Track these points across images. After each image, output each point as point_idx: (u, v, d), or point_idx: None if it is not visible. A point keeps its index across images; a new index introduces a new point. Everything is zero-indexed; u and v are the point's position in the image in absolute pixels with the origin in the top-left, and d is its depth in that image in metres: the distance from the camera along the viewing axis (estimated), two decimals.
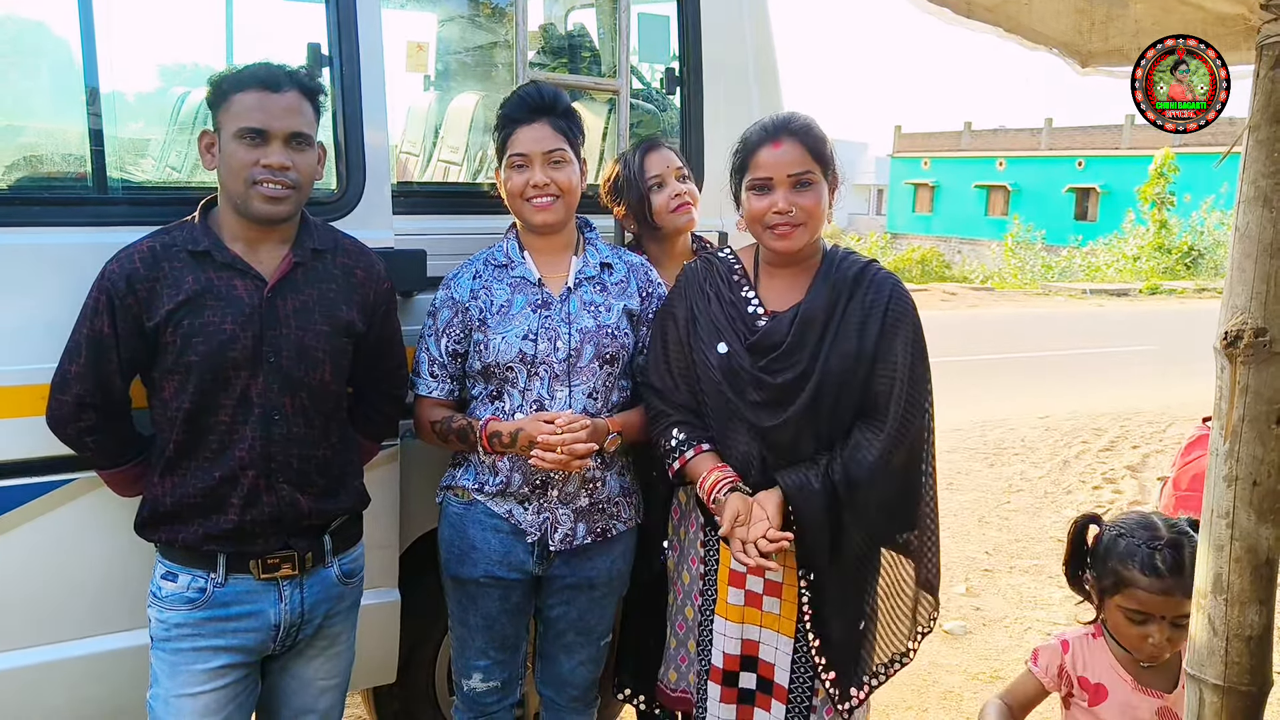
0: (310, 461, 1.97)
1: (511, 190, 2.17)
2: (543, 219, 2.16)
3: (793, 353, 2.08)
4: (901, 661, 2.26)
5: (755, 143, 2.08)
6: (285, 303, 1.93)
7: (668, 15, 2.93)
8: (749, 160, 2.09)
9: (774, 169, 2.04)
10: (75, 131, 2.19)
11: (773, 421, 2.08)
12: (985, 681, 3.81)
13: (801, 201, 2.04)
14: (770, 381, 2.08)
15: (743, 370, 2.09)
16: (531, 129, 2.15)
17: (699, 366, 2.13)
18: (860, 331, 2.08)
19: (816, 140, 2.08)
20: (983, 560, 5.06)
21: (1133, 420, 8.14)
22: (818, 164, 2.06)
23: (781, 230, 2.06)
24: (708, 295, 2.16)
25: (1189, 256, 25.15)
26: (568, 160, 2.16)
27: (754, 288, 2.17)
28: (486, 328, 2.16)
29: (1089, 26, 2.20)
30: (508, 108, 2.19)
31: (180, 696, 1.93)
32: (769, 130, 2.08)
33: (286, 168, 1.87)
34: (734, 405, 2.10)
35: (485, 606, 2.25)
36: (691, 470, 2.12)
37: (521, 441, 2.08)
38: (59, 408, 1.90)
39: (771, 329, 2.10)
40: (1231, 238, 2.09)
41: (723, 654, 2.18)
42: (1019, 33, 2.23)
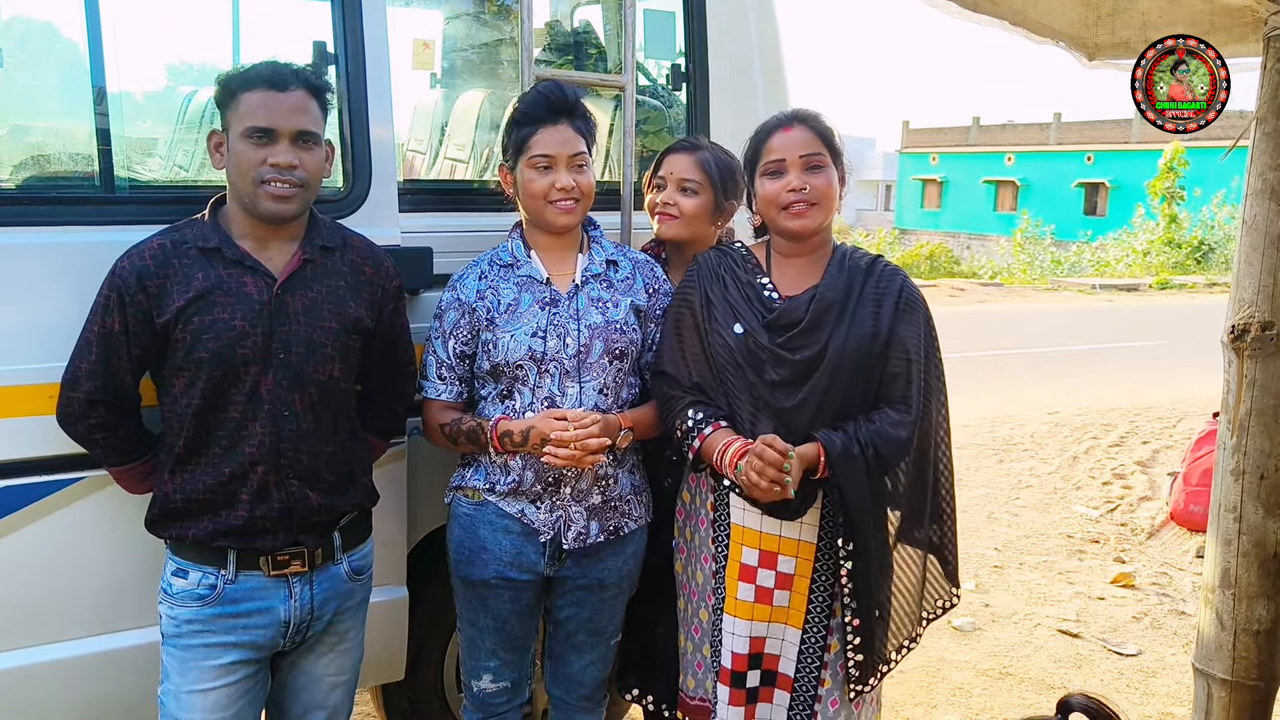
0: (319, 458, 1.98)
1: (534, 191, 2.14)
2: (565, 222, 2.16)
3: (811, 330, 2.10)
4: (910, 646, 2.27)
5: (767, 130, 2.16)
6: (294, 299, 1.94)
7: (673, 11, 2.92)
8: (761, 148, 2.16)
9: (786, 150, 2.11)
10: (82, 131, 2.20)
11: (789, 402, 2.09)
12: (994, 678, 3.80)
13: (814, 181, 2.10)
14: (789, 358, 2.09)
15: (761, 348, 2.10)
16: (557, 130, 2.13)
17: (715, 349, 2.14)
18: (875, 315, 2.11)
19: (826, 129, 2.16)
20: (992, 556, 5.05)
21: (1143, 416, 8.10)
22: (828, 150, 2.13)
23: (797, 209, 2.10)
24: (723, 280, 2.18)
25: (1199, 251, 25.00)
26: (588, 164, 2.17)
27: (768, 275, 2.20)
28: (495, 327, 2.16)
29: (1095, 20, 2.20)
30: (527, 105, 2.16)
31: (191, 692, 1.94)
32: (780, 118, 2.17)
33: (294, 166, 1.88)
34: (752, 385, 2.11)
35: (496, 608, 2.25)
36: (709, 445, 2.10)
37: (534, 439, 2.08)
38: (69, 405, 1.91)
39: (790, 307, 2.13)
40: (1239, 231, 2.08)
41: (731, 654, 2.18)
42: (1025, 26, 2.23)
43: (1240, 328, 1.96)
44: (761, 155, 2.15)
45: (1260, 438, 1.99)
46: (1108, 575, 4.84)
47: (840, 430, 2.05)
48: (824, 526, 2.13)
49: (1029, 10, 2.16)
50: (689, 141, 2.53)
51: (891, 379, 2.11)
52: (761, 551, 2.14)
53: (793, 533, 2.12)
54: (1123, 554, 5.14)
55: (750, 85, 2.94)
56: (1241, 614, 1.89)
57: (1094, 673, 3.88)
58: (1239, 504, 1.99)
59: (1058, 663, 3.94)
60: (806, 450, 2.02)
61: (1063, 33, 2.24)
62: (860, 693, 2.16)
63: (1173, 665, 3.95)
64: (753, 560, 2.14)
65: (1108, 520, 5.64)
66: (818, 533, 2.13)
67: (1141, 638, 4.19)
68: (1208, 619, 1.99)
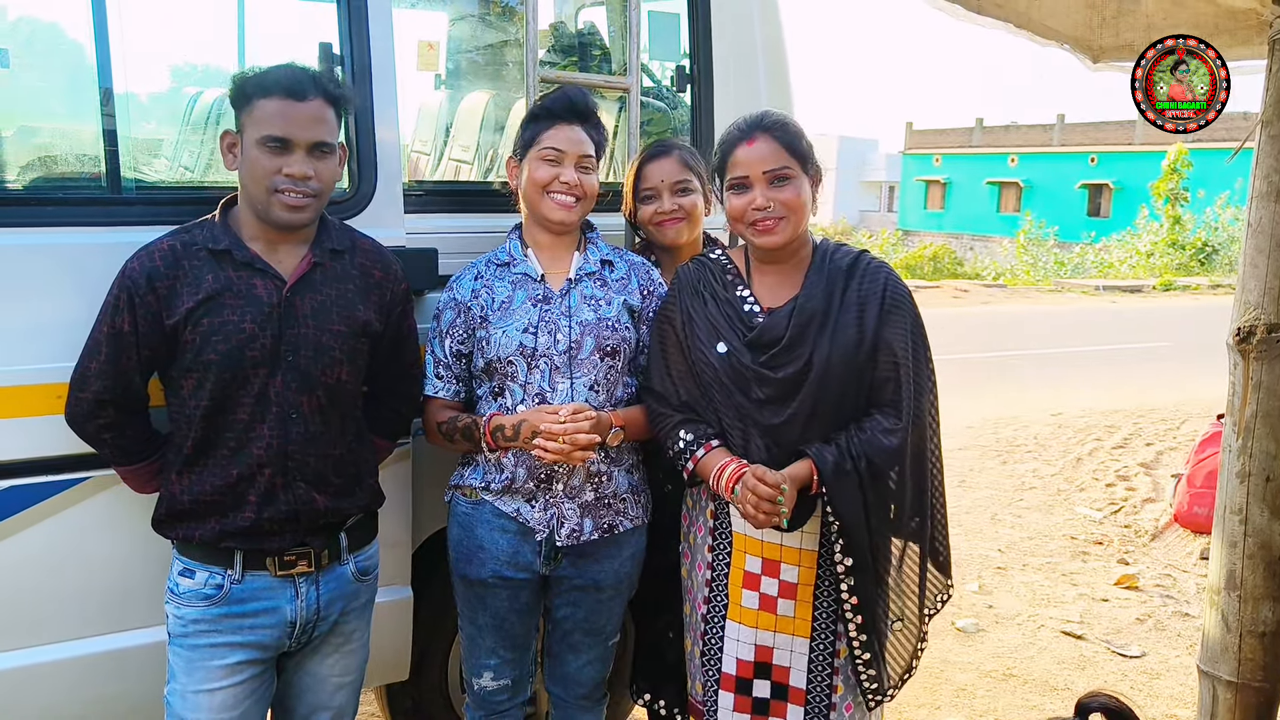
0: (327, 460, 1.98)
1: (537, 179, 2.17)
2: (561, 217, 2.18)
3: (793, 346, 2.08)
4: (922, 647, 2.27)
5: (731, 142, 2.12)
6: (304, 302, 1.94)
7: (678, 13, 2.92)
8: (727, 160, 2.12)
9: (750, 166, 2.08)
10: (89, 132, 2.20)
11: (778, 419, 2.07)
12: (998, 679, 3.80)
13: (779, 196, 2.07)
14: (773, 377, 2.07)
15: (744, 368, 2.09)
16: (571, 129, 2.18)
17: (700, 368, 2.13)
18: (859, 320, 2.08)
19: (791, 136, 2.10)
20: (995, 558, 5.05)
21: (1146, 417, 8.09)
22: (795, 159, 2.09)
23: (763, 225, 2.08)
24: (703, 297, 2.16)
25: (1203, 252, 24.97)
26: (594, 169, 2.21)
27: (748, 286, 2.17)
28: (488, 324, 2.17)
29: (1100, 22, 2.20)
30: (549, 103, 2.21)
31: (198, 692, 1.94)
32: (743, 129, 2.12)
33: (309, 177, 1.88)
34: (739, 404, 2.10)
35: (494, 606, 2.26)
36: (704, 467, 2.11)
37: (524, 432, 2.08)
38: (78, 405, 1.92)
39: (770, 325, 2.10)
40: (1244, 233, 2.08)
41: (735, 660, 2.16)
42: (1029, 29, 2.24)
43: (1246, 330, 1.96)
44: (727, 169, 2.12)
45: (1266, 440, 1.99)
46: (1111, 577, 4.84)
47: (833, 444, 2.04)
48: (825, 534, 2.11)
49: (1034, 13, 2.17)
50: (660, 147, 2.52)
51: (881, 383, 2.09)
52: (764, 560, 2.13)
53: (794, 541, 2.11)
54: (1126, 556, 5.14)
55: (754, 86, 2.94)
56: (1247, 616, 1.89)
57: (1097, 674, 3.88)
58: (1244, 506, 1.99)
59: (1061, 664, 3.94)
60: (799, 471, 2.02)
61: (1067, 35, 2.25)
62: (880, 702, 2.15)
63: (1176, 667, 3.94)
64: (756, 568, 2.13)
65: (1111, 522, 5.64)
66: (819, 540, 2.12)
67: (1145, 639, 4.19)
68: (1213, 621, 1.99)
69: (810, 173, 2.13)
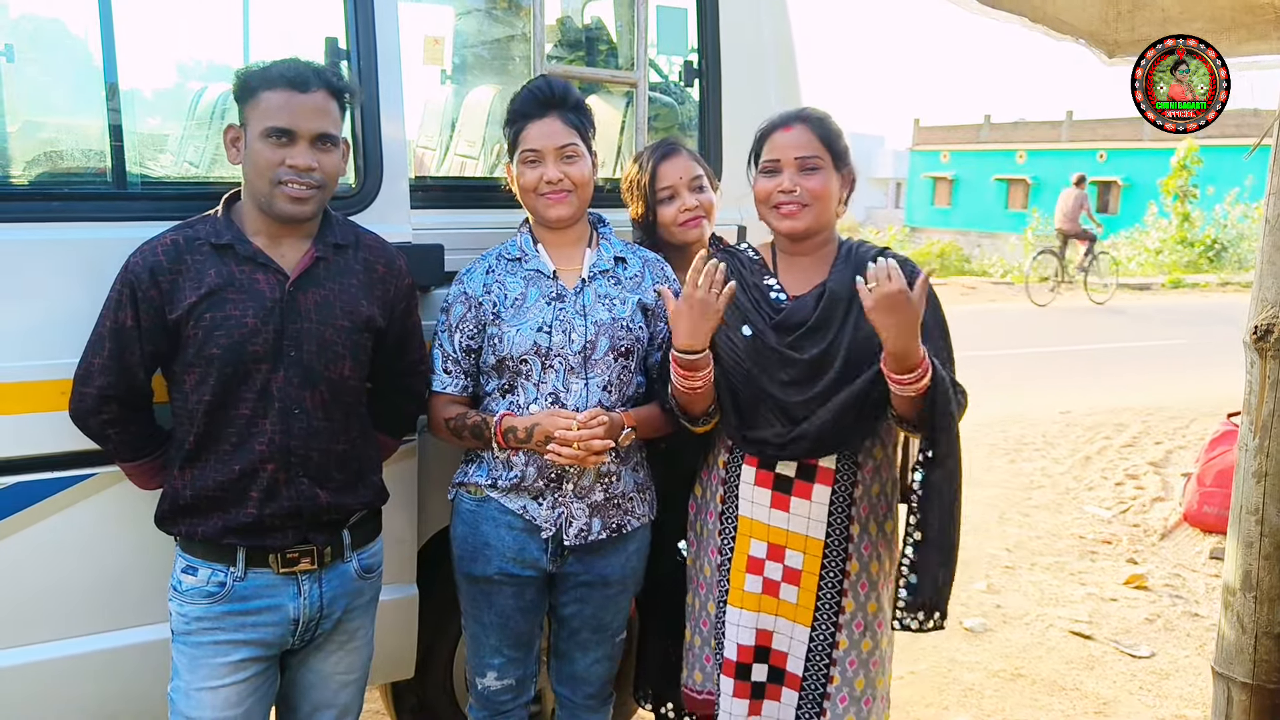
0: (329, 456, 1.97)
1: (525, 185, 2.17)
2: (557, 214, 2.16)
3: (819, 328, 2.09)
4: None
5: (770, 128, 2.17)
6: (306, 297, 1.93)
7: (686, 8, 2.90)
8: (763, 145, 2.17)
9: (782, 150, 2.12)
10: (94, 127, 2.19)
11: (801, 397, 2.08)
12: (1006, 679, 3.78)
13: (806, 183, 2.09)
14: (798, 358, 2.08)
15: (769, 349, 2.10)
16: (543, 124, 2.15)
17: (723, 351, 2.13)
18: None
19: (829, 131, 2.14)
20: (1003, 557, 5.02)
21: (1155, 415, 8.04)
22: (829, 152, 2.12)
23: (787, 209, 2.11)
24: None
25: (1212, 250, 24.83)
26: (580, 154, 2.17)
27: (774, 275, 2.20)
28: (501, 321, 2.15)
29: (1116, 16, 2.18)
30: (517, 103, 2.19)
31: (201, 689, 1.94)
32: (785, 117, 2.17)
33: (312, 169, 1.87)
34: (762, 387, 2.10)
35: (499, 604, 2.24)
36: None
37: (538, 436, 2.07)
38: (82, 400, 1.91)
39: (797, 306, 2.13)
40: (1261, 230, 2.06)
41: (736, 645, 2.17)
42: (1045, 23, 2.21)
43: (1263, 328, 1.94)
44: (762, 153, 2.16)
45: None
46: (1120, 576, 4.81)
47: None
48: (832, 524, 2.13)
49: (1049, 7, 2.14)
50: (668, 146, 2.49)
51: None
52: (770, 545, 2.14)
53: (800, 528, 2.13)
54: (1135, 555, 5.11)
55: (763, 81, 2.92)
56: (1263, 617, 1.87)
57: (1106, 674, 3.85)
58: (1261, 506, 1.96)
59: (1070, 664, 3.92)
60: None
61: (1083, 30, 2.22)
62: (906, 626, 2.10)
63: (1186, 667, 3.92)
64: (760, 553, 2.14)
65: (1120, 521, 5.61)
66: (825, 529, 2.13)
67: (1154, 639, 4.16)
68: (1228, 622, 1.97)
69: (842, 170, 2.15)
